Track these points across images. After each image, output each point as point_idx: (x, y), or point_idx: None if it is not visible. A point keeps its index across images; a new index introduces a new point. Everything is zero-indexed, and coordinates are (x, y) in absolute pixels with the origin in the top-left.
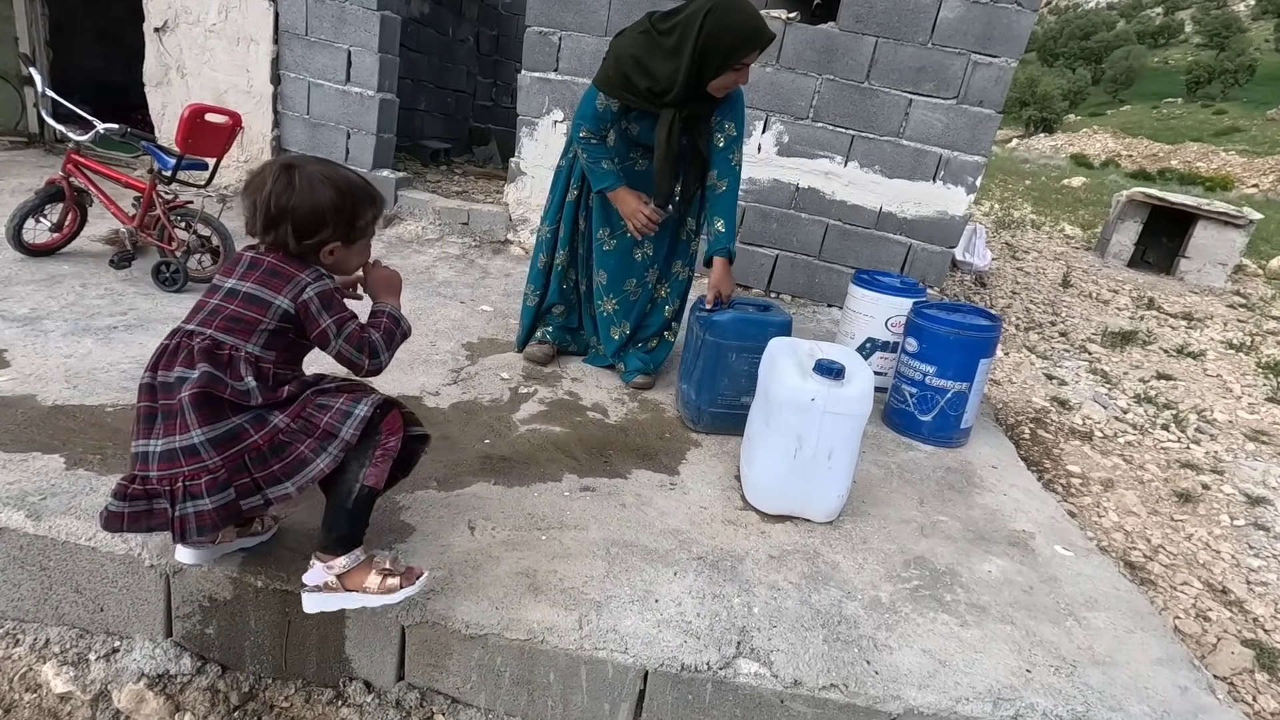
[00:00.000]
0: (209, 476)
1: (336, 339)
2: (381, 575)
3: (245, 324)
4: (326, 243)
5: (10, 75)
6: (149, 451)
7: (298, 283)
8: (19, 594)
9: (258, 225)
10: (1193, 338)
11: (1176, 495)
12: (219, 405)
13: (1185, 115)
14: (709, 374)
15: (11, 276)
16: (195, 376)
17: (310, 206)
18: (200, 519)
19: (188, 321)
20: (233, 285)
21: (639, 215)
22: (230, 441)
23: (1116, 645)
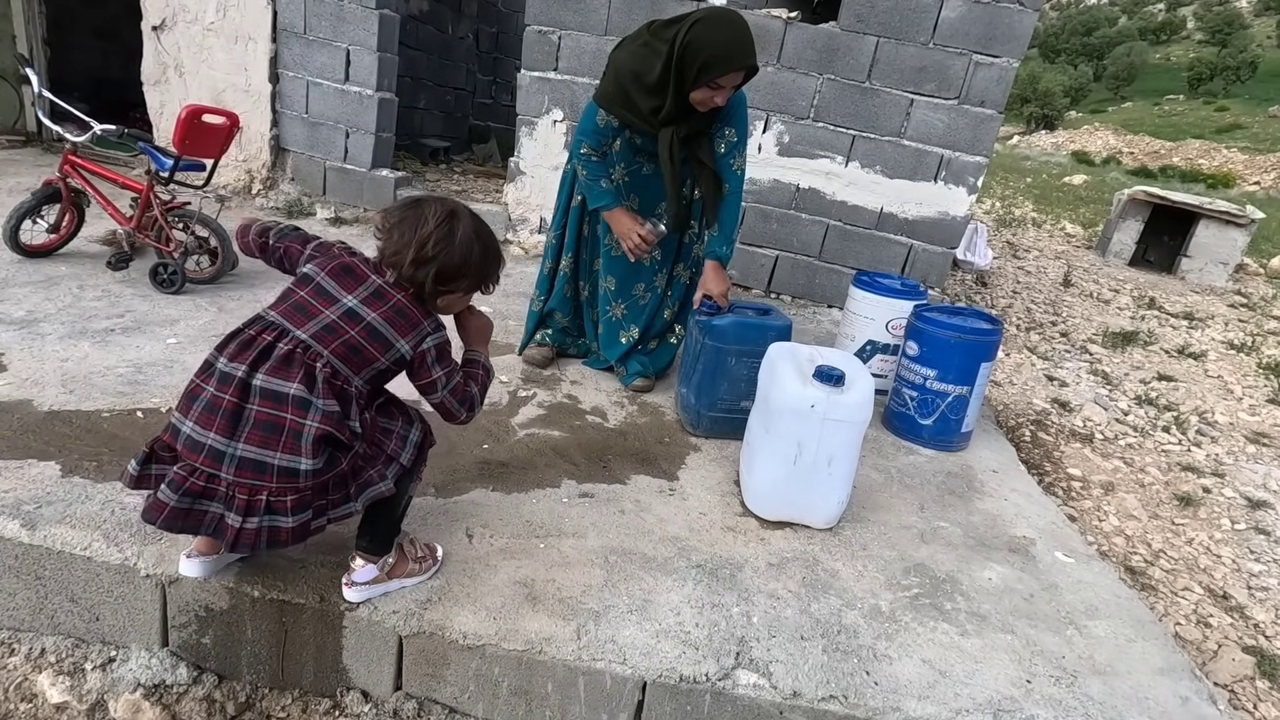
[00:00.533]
0: (295, 496)
1: (442, 390)
2: (416, 562)
3: (363, 358)
4: (454, 292)
5: (8, 74)
6: (228, 452)
7: (421, 331)
8: (14, 603)
9: (406, 259)
10: (1194, 338)
11: (1177, 499)
12: (330, 440)
13: (1187, 112)
14: (708, 378)
15: (8, 278)
16: (323, 412)
17: (461, 260)
18: (275, 534)
19: (290, 321)
20: (354, 307)
21: (633, 235)
22: (325, 469)
23: (1117, 654)
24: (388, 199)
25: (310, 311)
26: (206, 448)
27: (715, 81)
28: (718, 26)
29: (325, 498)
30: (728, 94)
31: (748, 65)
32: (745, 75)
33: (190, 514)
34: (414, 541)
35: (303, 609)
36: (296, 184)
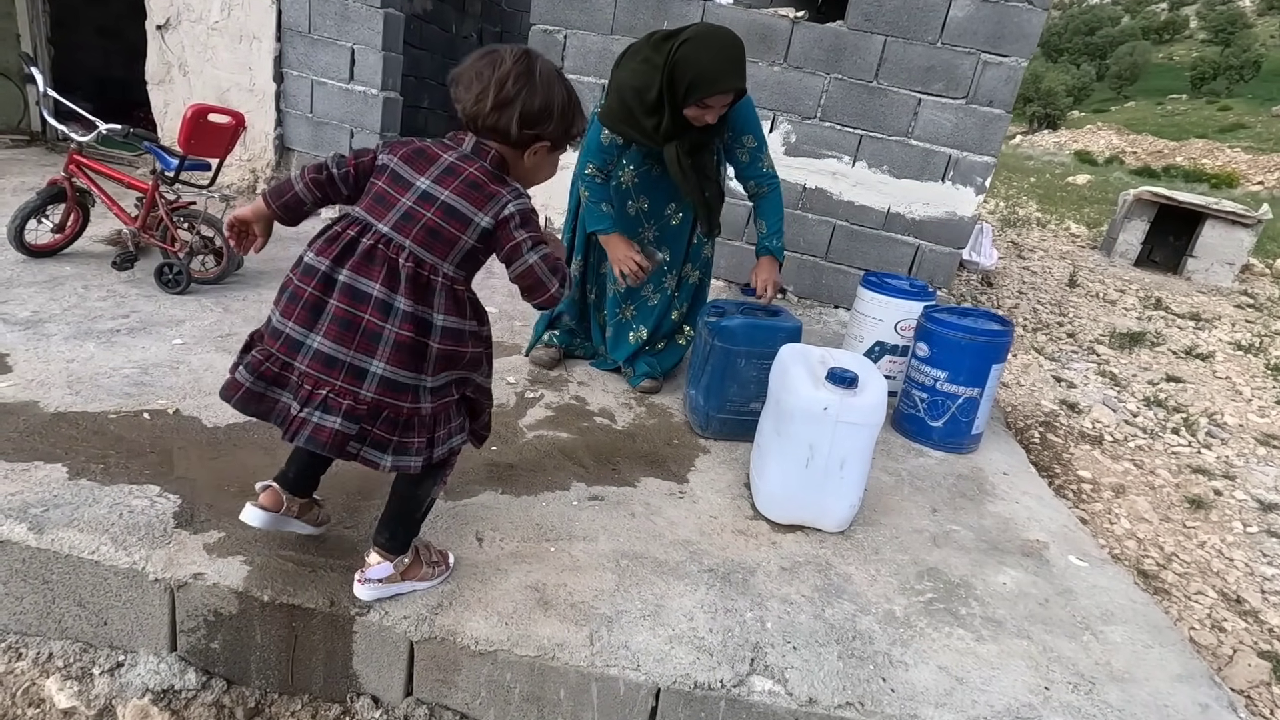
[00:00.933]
0: (350, 402)
1: (529, 252)
2: (430, 566)
3: (444, 240)
4: (541, 139)
5: (12, 73)
6: (307, 344)
7: (499, 199)
8: (21, 607)
9: (486, 105)
10: (1201, 339)
11: (1188, 501)
12: (413, 352)
13: (1190, 112)
14: (717, 380)
15: (13, 278)
16: (403, 314)
17: (544, 97)
18: (319, 433)
19: (373, 215)
20: (427, 188)
21: (629, 262)
22: (389, 391)
23: (1135, 661)
24: None
25: (388, 201)
26: (285, 336)
27: (703, 101)
28: (705, 47)
29: (372, 426)
30: (718, 112)
31: (732, 89)
32: (735, 96)
33: (264, 399)
34: (429, 546)
35: (313, 614)
36: None
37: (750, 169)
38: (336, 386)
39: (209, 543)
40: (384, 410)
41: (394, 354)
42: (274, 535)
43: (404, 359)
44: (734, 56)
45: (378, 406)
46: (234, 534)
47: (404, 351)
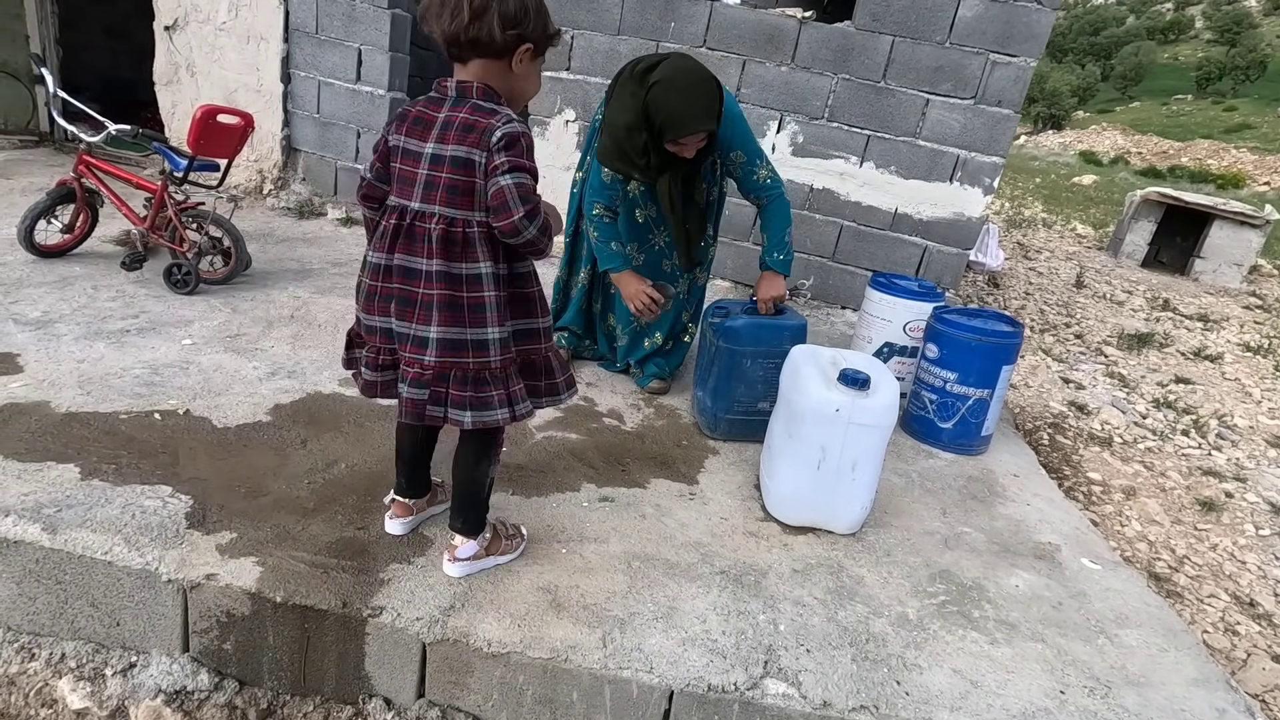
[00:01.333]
0: (418, 370)
1: (506, 175)
2: (509, 539)
3: (463, 191)
4: (525, 40)
5: (21, 74)
6: (391, 329)
7: (489, 130)
8: (35, 608)
9: (464, 15)
10: (1210, 340)
11: (1199, 504)
12: (459, 308)
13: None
14: (724, 381)
15: (24, 278)
16: (436, 274)
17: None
18: (404, 404)
19: (403, 197)
20: (434, 150)
21: (641, 297)
22: (451, 350)
23: (1150, 664)
24: None
25: (409, 178)
26: (377, 330)
27: (676, 141)
28: (673, 89)
29: (446, 388)
30: (695, 147)
31: (700, 131)
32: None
33: (392, 385)
34: (503, 521)
35: (325, 615)
36: (308, 184)
37: (745, 183)
38: (407, 358)
39: (221, 543)
40: (448, 369)
41: (440, 315)
42: (284, 538)
43: (450, 317)
44: (700, 98)
45: (443, 370)
46: (246, 535)
47: (447, 310)
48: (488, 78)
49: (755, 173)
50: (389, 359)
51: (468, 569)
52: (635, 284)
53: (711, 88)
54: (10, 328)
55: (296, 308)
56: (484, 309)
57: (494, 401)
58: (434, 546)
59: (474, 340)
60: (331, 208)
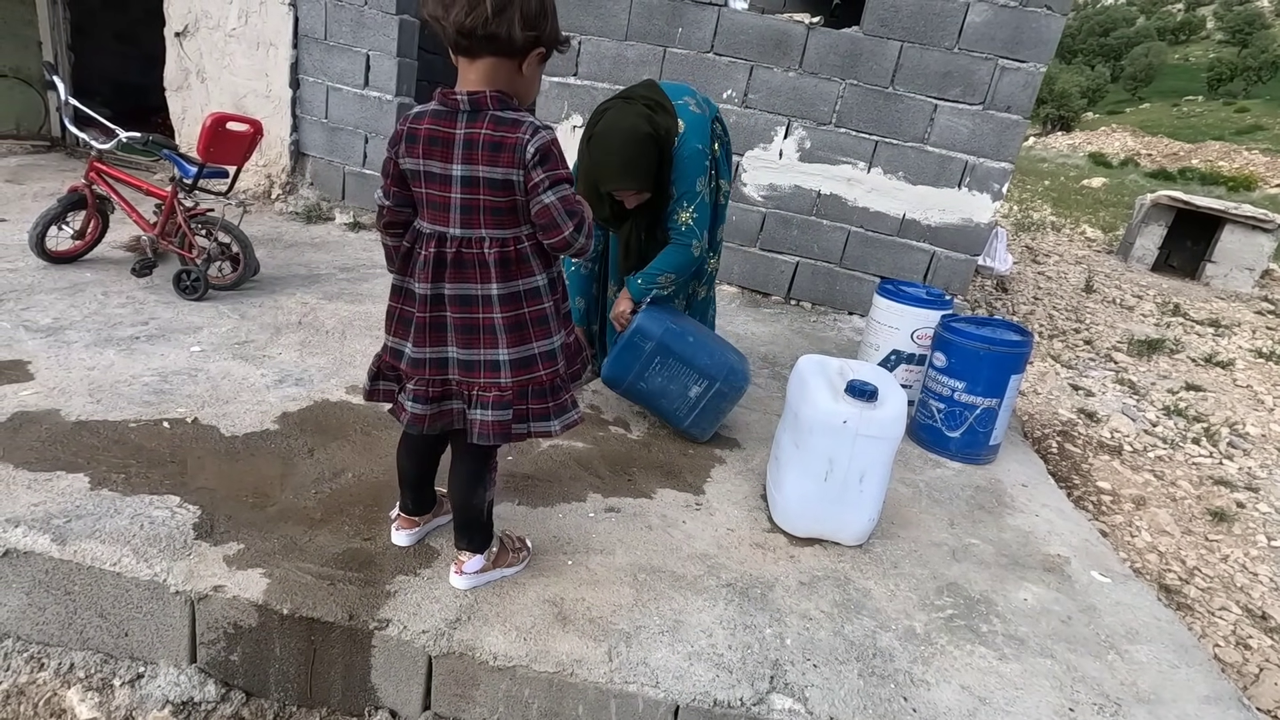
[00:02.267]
0: (498, 392)
1: (548, 192)
2: (514, 552)
3: (506, 210)
4: (540, 43)
5: (33, 79)
6: (450, 358)
7: (519, 146)
8: (44, 618)
9: (486, 9)
10: (1221, 346)
11: (1210, 514)
12: (524, 325)
13: (1206, 113)
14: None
15: (35, 285)
16: (498, 298)
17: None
18: (484, 427)
19: (439, 223)
20: (463, 173)
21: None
22: (524, 367)
23: (1161, 681)
24: None
25: (441, 203)
26: (426, 361)
27: (610, 193)
28: (598, 148)
29: (525, 404)
30: (632, 200)
31: (618, 188)
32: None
33: (441, 414)
34: (508, 534)
35: (332, 627)
36: (316, 189)
37: (666, 218)
38: (481, 384)
39: (228, 554)
40: (526, 386)
41: (508, 336)
42: (291, 549)
43: (518, 337)
44: (619, 157)
45: (521, 388)
46: (253, 546)
47: (515, 330)
48: (496, 79)
49: (677, 214)
50: (440, 390)
51: (474, 581)
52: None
53: (638, 148)
54: (21, 335)
55: (304, 313)
56: (545, 320)
57: (568, 403)
58: (440, 558)
59: (543, 353)
60: (339, 212)
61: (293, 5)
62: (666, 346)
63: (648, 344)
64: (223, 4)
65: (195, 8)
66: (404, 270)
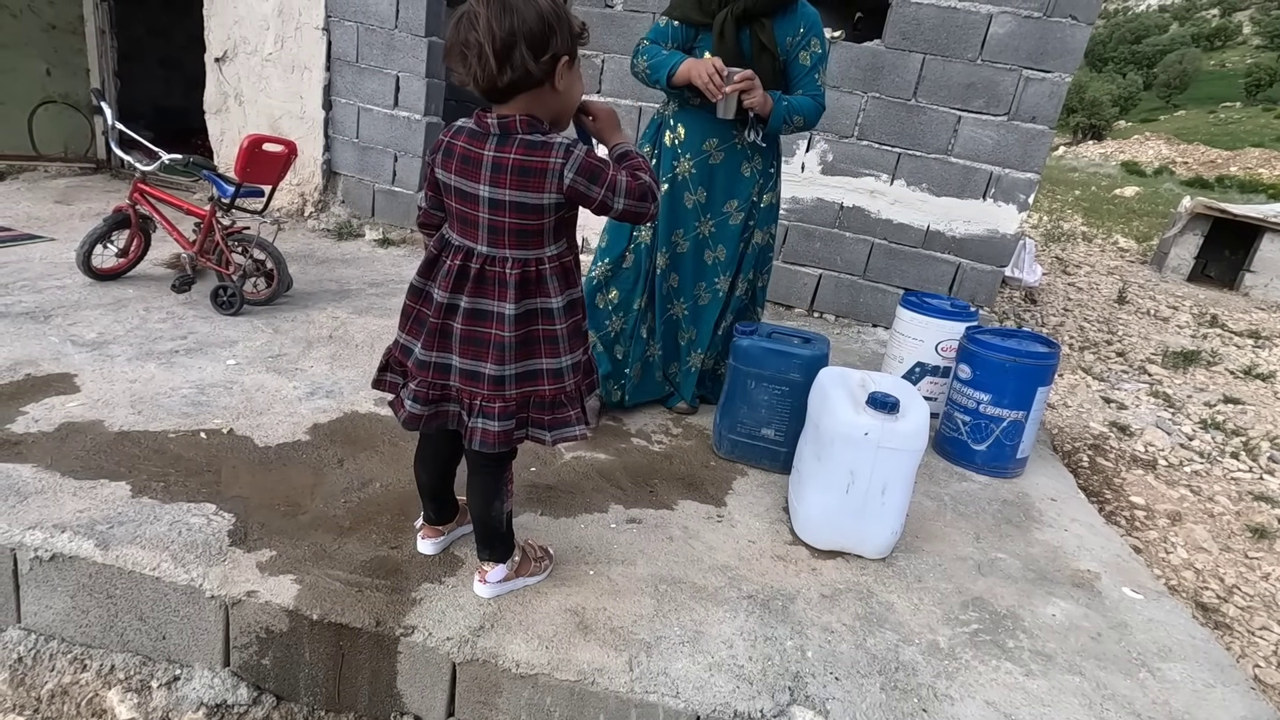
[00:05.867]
0: (502, 404)
1: (617, 200)
2: (536, 561)
3: (533, 233)
4: (560, 56)
5: (80, 105)
6: (453, 365)
7: (552, 173)
8: (87, 620)
9: (491, 64)
10: (1261, 358)
11: (1250, 530)
12: (534, 342)
13: (1244, 119)
14: (730, 399)
15: (81, 301)
16: (511, 318)
17: (534, 16)
18: (486, 436)
19: (468, 239)
20: (490, 195)
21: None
22: (529, 380)
23: (1195, 701)
24: None
25: (470, 219)
26: (431, 364)
27: None
28: None
29: (527, 412)
30: None
31: None
32: None
33: (437, 415)
34: (530, 543)
35: (359, 633)
36: (346, 206)
37: (807, 77)
38: (485, 394)
39: (261, 561)
40: (530, 398)
41: (516, 353)
42: (321, 556)
43: (525, 353)
44: None
45: (524, 398)
46: (285, 553)
47: (523, 347)
48: (533, 106)
49: (820, 73)
50: (439, 393)
51: (497, 590)
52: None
53: None
54: (69, 349)
55: (335, 328)
56: (556, 341)
57: (571, 420)
58: (465, 566)
59: (549, 369)
60: (369, 229)
61: (326, 30)
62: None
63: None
64: (260, 30)
65: (234, 34)
66: (426, 274)
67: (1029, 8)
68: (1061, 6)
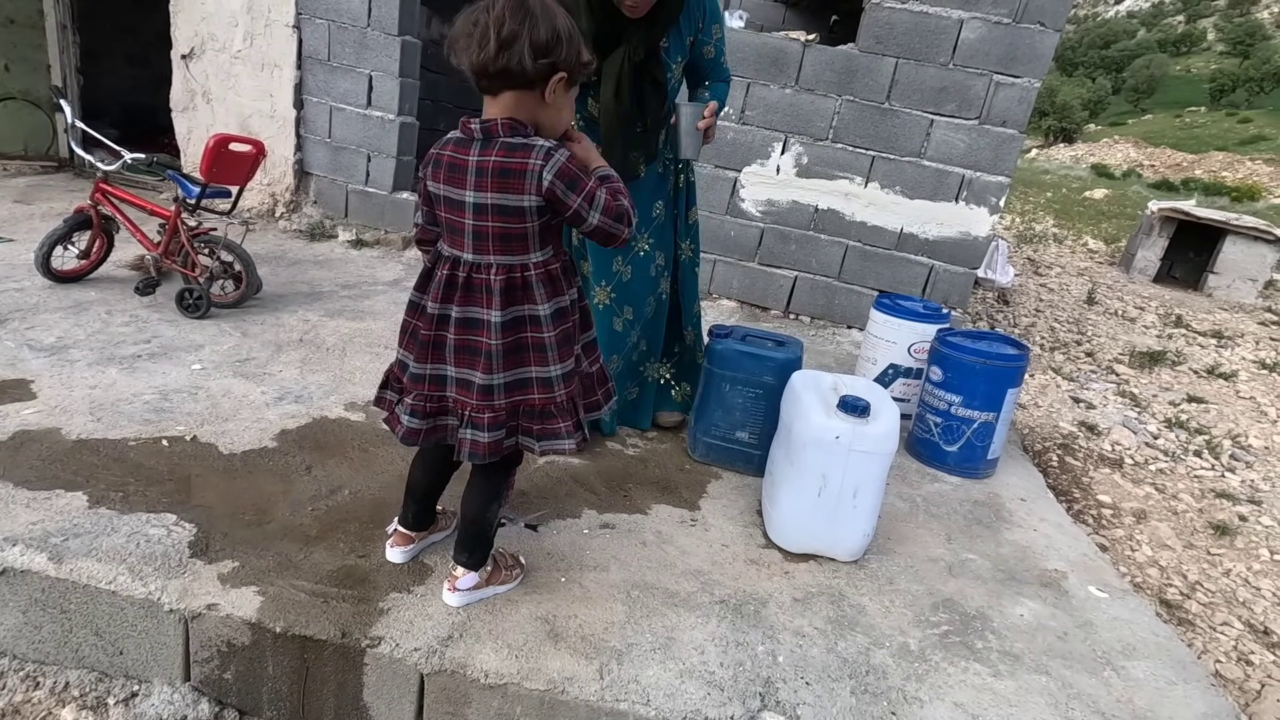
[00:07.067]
0: (491, 414)
1: (591, 213)
2: (508, 570)
3: (516, 237)
4: (558, 69)
5: (42, 102)
6: (448, 376)
7: (531, 173)
8: (40, 636)
9: (490, 46)
10: (1224, 357)
11: (1213, 527)
12: (523, 350)
13: (1209, 124)
14: (704, 403)
15: (40, 304)
16: (499, 325)
17: (548, 25)
18: (475, 447)
19: (456, 247)
20: (474, 200)
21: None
22: (519, 389)
23: (1158, 699)
24: (408, 221)
25: (457, 228)
26: (427, 377)
27: None
28: None
29: (516, 421)
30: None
31: None
32: None
33: (435, 430)
34: (503, 552)
35: (325, 645)
36: (319, 207)
37: (714, 66)
38: (474, 405)
39: (223, 573)
40: (520, 407)
41: (505, 361)
42: (286, 566)
43: (514, 361)
44: None
45: (514, 407)
46: (248, 563)
47: (512, 355)
48: (519, 111)
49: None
50: (436, 406)
51: (467, 599)
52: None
53: None
54: (25, 354)
55: (306, 331)
56: (544, 349)
57: (561, 431)
58: (434, 575)
59: (539, 378)
60: (342, 230)
61: (297, 28)
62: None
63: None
64: (229, 27)
65: (202, 30)
66: (422, 289)
67: (999, 14)
68: (1030, 13)
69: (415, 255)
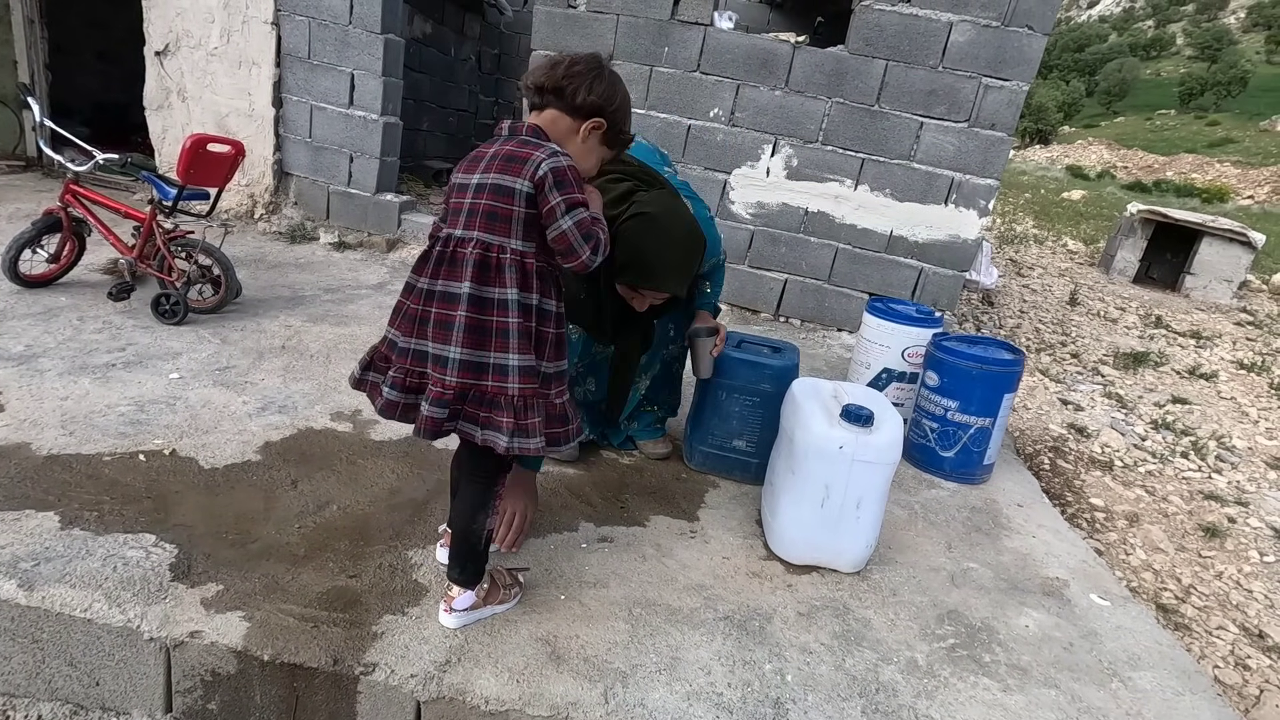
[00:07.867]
0: (439, 390)
1: (564, 217)
2: (506, 589)
3: (501, 218)
4: (601, 114)
5: (8, 99)
6: (426, 352)
7: (533, 161)
8: (9, 668)
9: (560, 71)
10: (1204, 358)
11: (1203, 529)
12: (485, 331)
13: (1179, 126)
14: (700, 411)
15: (7, 310)
16: (468, 297)
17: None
18: (420, 421)
19: (452, 227)
20: (479, 180)
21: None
22: (472, 371)
23: (1166, 710)
24: (392, 223)
25: (457, 208)
26: (410, 351)
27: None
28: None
29: (462, 405)
30: (648, 302)
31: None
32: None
33: (413, 407)
34: (500, 570)
35: (315, 673)
36: (300, 208)
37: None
38: (433, 377)
39: (206, 597)
40: (469, 390)
41: (465, 336)
42: (273, 589)
43: (476, 340)
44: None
45: (463, 389)
46: (232, 586)
47: (474, 333)
48: (552, 129)
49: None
50: (416, 382)
51: (464, 619)
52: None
53: (692, 247)
54: None
55: (288, 337)
56: (508, 335)
57: (503, 427)
58: (429, 595)
59: (496, 364)
60: (324, 232)
61: (275, 24)
62: None
63: None
64: (204, 23)
65: (176, 27)
66: (418, 270)
67: (987, 17)
68: (1019, 16)
69: (400, 258)
